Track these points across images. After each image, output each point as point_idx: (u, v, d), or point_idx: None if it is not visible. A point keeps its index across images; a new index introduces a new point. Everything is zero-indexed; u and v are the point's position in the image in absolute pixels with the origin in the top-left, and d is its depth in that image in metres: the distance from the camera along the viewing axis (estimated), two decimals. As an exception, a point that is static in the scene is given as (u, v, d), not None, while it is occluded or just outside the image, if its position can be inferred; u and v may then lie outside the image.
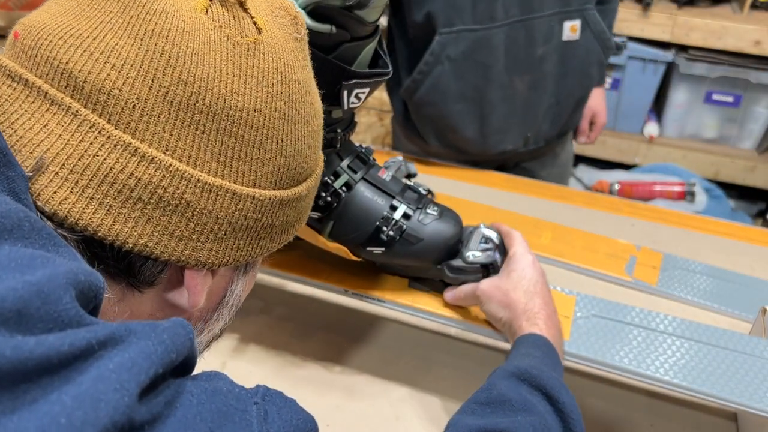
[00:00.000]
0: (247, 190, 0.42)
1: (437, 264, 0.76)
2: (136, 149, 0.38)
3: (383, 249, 0.74)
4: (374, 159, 0.77)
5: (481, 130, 1.23)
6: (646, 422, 0.79)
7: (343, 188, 0.72)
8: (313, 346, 0.87)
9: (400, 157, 0.85)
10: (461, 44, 1.14)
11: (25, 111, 0.38)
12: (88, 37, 0.38)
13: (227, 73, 0.40)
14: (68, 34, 0.38)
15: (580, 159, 2.39)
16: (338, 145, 0.71)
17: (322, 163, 0.51)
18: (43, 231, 0.34)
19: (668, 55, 2.15)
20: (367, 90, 0.65)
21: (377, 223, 0.73)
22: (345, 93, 0.63)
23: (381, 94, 2.42)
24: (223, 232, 0.42)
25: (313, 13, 0.58)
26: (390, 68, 0.67)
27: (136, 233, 0.39)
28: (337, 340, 0.89)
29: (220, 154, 0.40)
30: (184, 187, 0.39)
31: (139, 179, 0.38)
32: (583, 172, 2.37)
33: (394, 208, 0.74)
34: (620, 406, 0.81)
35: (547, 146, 1.34)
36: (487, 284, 0.73)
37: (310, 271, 0.83)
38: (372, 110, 2.44)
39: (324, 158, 0.70)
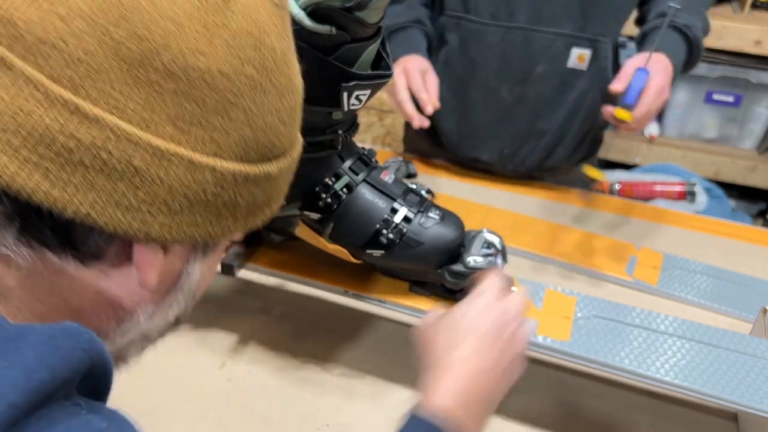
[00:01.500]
0: (206, 159, 0.37)
1: (438, 268, 0.76)
2: (76, 107, 0.33)
3: (383, 252, 0.73)
4: (377, 161, 0.77)
5: (459, 128, 1.21)
6: (646, 422, 0.79)
7: (344, 190, 0.72)
8: (312, 346, 0.87)
9: (400, 157, 0.85)
10: (458, 32, 1.14)
11: None
12: None
13: (190, 30, 0.35)
14: None
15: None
16: (339, 147, 0.71)
17: (300, 146, 0.47)
18: None
19: (668, 55, 2.15)
20: (368, 92, 0.65)
21: (377, 226, 0.72)
22: (345, 94, 0.63)
23: (381, 94, 2.42)
24: (178, 205, 0.38)
25: (313, 14, 0.58)
26: (392, 70, 0.67)
27: (77, 200, 0.35)
28: (337, 340, 0.89)
29: (176, 117, 0.36)
30: (131, 152, 0.35)
31: (80, 141, 0.34)
32: (584, 171, 2.37)
33: (394, 211, 0.73)
34: (621, 406, 0.81)
35: (529, 175, 1.25)
36: (436, 311, 0.63)
37: (310, 271, 0.83)
38: (372, 110, 2.44)
39: (325, 159, 0.71)
